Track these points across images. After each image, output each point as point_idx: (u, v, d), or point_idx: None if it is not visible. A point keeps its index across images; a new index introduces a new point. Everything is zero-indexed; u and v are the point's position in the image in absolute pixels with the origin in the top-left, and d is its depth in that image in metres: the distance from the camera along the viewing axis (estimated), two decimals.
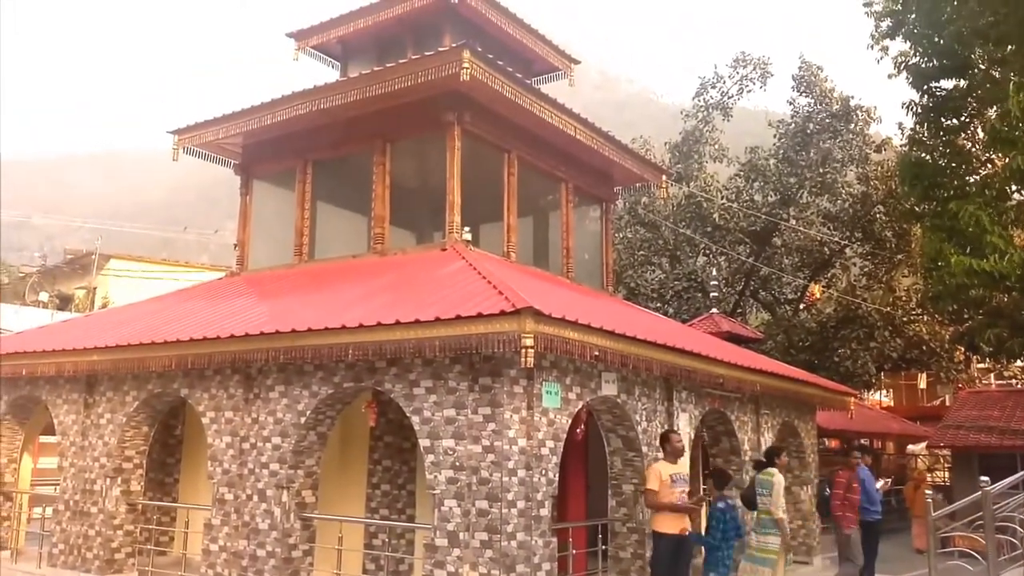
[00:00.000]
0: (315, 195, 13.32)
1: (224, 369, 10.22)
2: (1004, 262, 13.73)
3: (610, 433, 10.25)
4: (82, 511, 11.45)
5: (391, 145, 12.47)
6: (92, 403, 11.76)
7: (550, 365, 8.62)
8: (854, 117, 28.03)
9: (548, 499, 8.42)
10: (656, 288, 29.70)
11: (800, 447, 14.82)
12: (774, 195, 28.59)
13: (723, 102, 30.16)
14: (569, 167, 13.83)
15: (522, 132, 12.55)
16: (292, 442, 9.57)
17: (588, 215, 15.63)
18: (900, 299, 27.44)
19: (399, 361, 8.78)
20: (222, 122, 13.17)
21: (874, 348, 26.55)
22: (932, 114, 16.98)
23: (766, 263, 28.73)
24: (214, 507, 10.11)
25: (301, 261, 13.03)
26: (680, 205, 29.17)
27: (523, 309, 7.63)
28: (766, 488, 10.02)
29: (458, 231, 11.53)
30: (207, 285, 14.71)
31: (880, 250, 27.74)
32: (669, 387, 10.78)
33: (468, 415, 8.29)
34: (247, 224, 14.14)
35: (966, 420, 20.69)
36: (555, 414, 8.65)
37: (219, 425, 10.28)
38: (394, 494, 10.97)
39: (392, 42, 13.76)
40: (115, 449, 11.29)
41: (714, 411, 12.00)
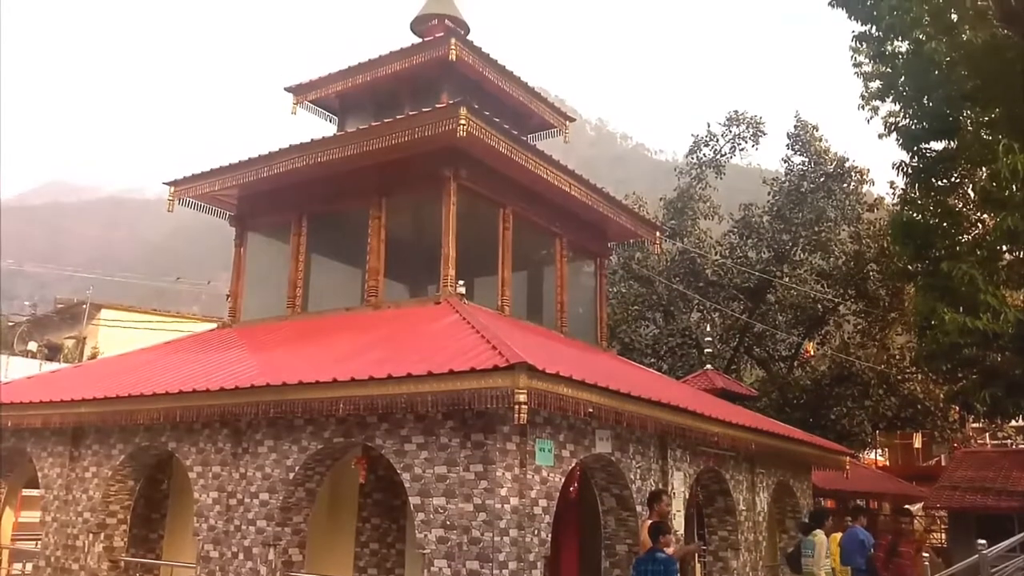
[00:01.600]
0: (310, 247, 13.33)
1: (213, 422, 10.08)
2: (998, 321, 13.72)
3: (604, 492, 10.10)
4: (63, 567, 11.17)
5: (387, 199, 12.52)
6: (78, 456, 11.56)
7: (543, 421, 8.52)
8: (848, 177, 28.35)
9: (540, 560, 8.25)
10: (650, 343, 29.63)
11: (796, 507, 14.63)
12: (768, 252, 28.77)
13: (716, 159, 30.50)
14: (564, 222, 13.89)
15: (517, 187, 12.63)
16: (280, 498, 9.39)
17: (582, 270, 15.65)
18: (894, 357, 27.42)
19: (390, 416, 8.67)
20: (218, 174, 13.22)
21: (869, 407, 26.45)
22: (923, 174, 17.12)
23: (760, 320, 28.75)
24: (199, 565, 9.87)
25: (294, 313, 12.97)
26: (674, 260, 29.30)
27: (517, 364, 7.57)
28: (810, 548, 10.01)
29: (453, 285, 11.51)
30: (198, 336, 14.60)
31: (873, 308, 27.81)
32: (664, 445, 10.66)
33: (460, 472, 8.16)
34: (240, 275, 14.10)
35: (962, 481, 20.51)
36: (548, 472, 8.52)
37: (206, 480, 10.09)
38: (383, 553, 10.73)
39: (390, 97, 13.92)
40: (99, 504, 11.07)
41: (709, 470, 11.85)
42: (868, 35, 15.61)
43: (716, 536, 12.39)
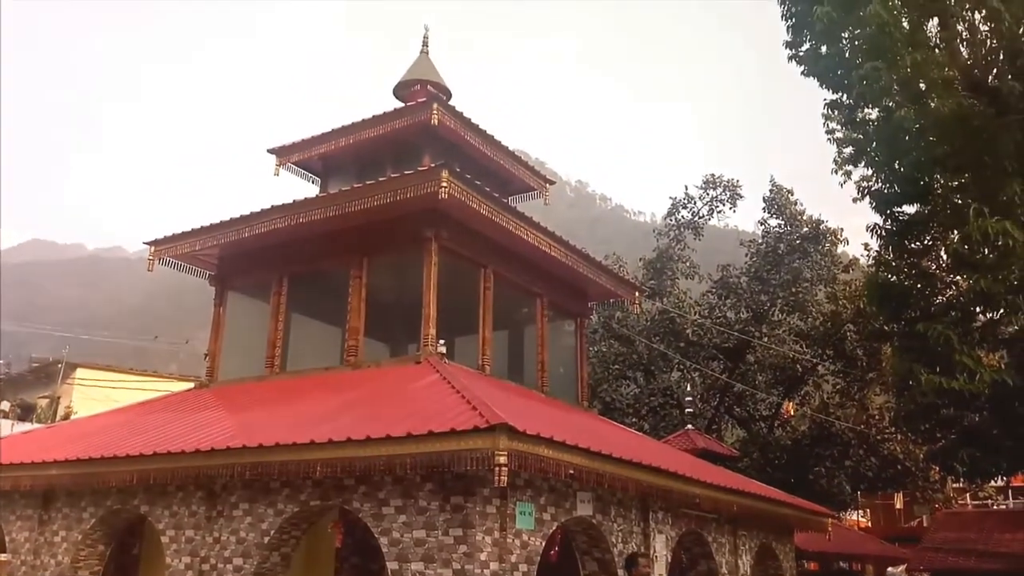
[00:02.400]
0: (290, 307, 13.30)
1: (187, 485, 9.90)
2: (974, 382, 13.84)
3: (585, 555, 9.97)
4: None
5: (369, 259, 12.56)
6: (47, 519, 11.29)
7: (524, 484, 8.45)
8: (822, 239, 28.79)
9: None
10: (631, 403, 29.56)
11: (778, 570, 14.47)
12: (746, 312, 28.98)
13: (694, 221, 30.91)
14: (544, 283, 13.97)
15: (498, 248, 12.73)
16: (255, 563, 9.19)
17: (563, 329, 15.69)
18: (873, 417, 27.49)
19: (368, 479, 8.57)
20: (199, 234, 13.24)
21: (849, 467, 26.42)
22: (896, 237, 17.43)
23: (740, 379, 28.81)
24: None
25: (272, 373, 12.87)
26: (654, 320, 29.43)
27: (497, 425, 7.53)
28: None
29: (433, 344, 11.49)
30: (174, 397, 14.42)
31: (851, 368, 27.96)
32: (645, 507, 10.57)
33: (438, 536, 8.04)
34: (219, 335, 14.01)
35: (944, 542, 20.43)
36: (529, 536, 8.42)
37: (179, 544, 9.87)
38: None
39: (372, 160, 14.07)
40: (68, 569, 10.77)
41: (691, 532, 11.74)
42: (840, 103, 16.04)
43: None
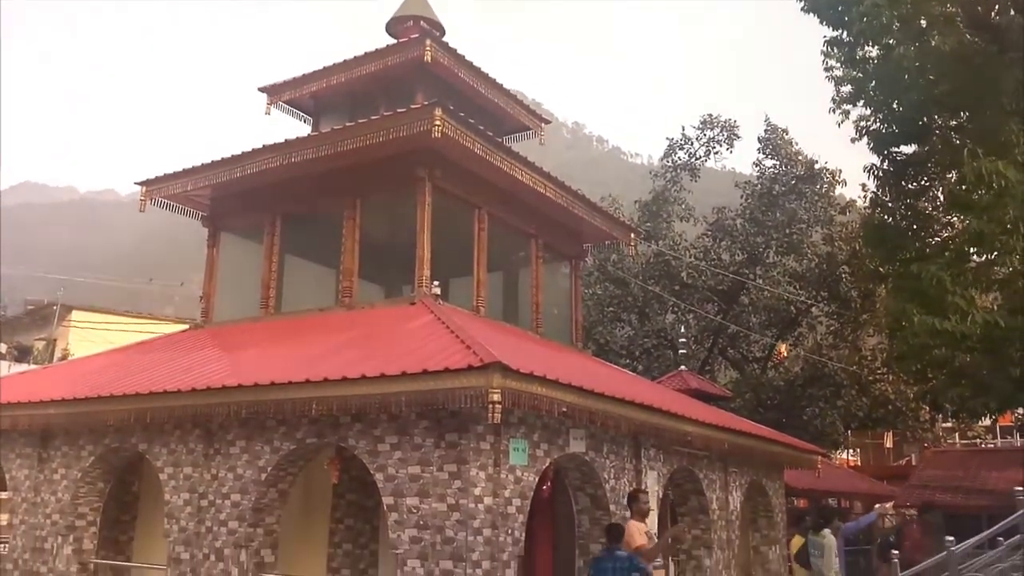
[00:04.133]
0: (283, 248, 13.25)
1: (184, 423, 10.00)
2: (966, 323, 13.93)
3: (578, 491, 10.14)
4: (32, 571, 11.01)
5: (362, 200, 12.47)
6: (46, 458, 11.42)
7: (518, 421, 8.54)
8: (819, 179, 28.67)
9: (514, 559, 8.26)
10: (625, 345, 29.74)
11: (768, 507, 14.75)
12: (741, 254, 29.00)
13: (691, 163, 30.69)
14: (539, 224, 13.92)
15: (493, 189, 12.64)
16: (252, 499, 9.33)
17: (558, 271, 15.69)
18: (866, 358, 27.74)
19: (364, 417, 8.65)
20: (191, 174, 13.11)
21: (841, 407, 26.73)
22: (893, 178, 17.37)
23: (734, 321, 28.97)
24: (169, 567, 9.78)
25: (267, 314, 12.89)
26: (649, 263, 29.44)
27: (491, 364, 7.58)
28: (818, 549, 10.11)
29: (427, 285, 11.49)
30: (169, 337, 14.47)
31: (845, 310, 28.11)
32: (637, 445, 10.71)
33: (433, 472, 8.15)
34: (213, 276, 13.98)
35: (932, 480, 20.77)
36: (522, 471, 8.54)
37: (177, 481, 10.00)
38: (356, 554, 10.70)
39: (365, 99, 13.88)
40: (68, 506, 10.93)
41: (682, 469, 11.93)
42: (839, 40, 15.81)
43: (689, 535, 12.46)
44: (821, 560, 10.02)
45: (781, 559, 14.62)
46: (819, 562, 10.05)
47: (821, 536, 10.26)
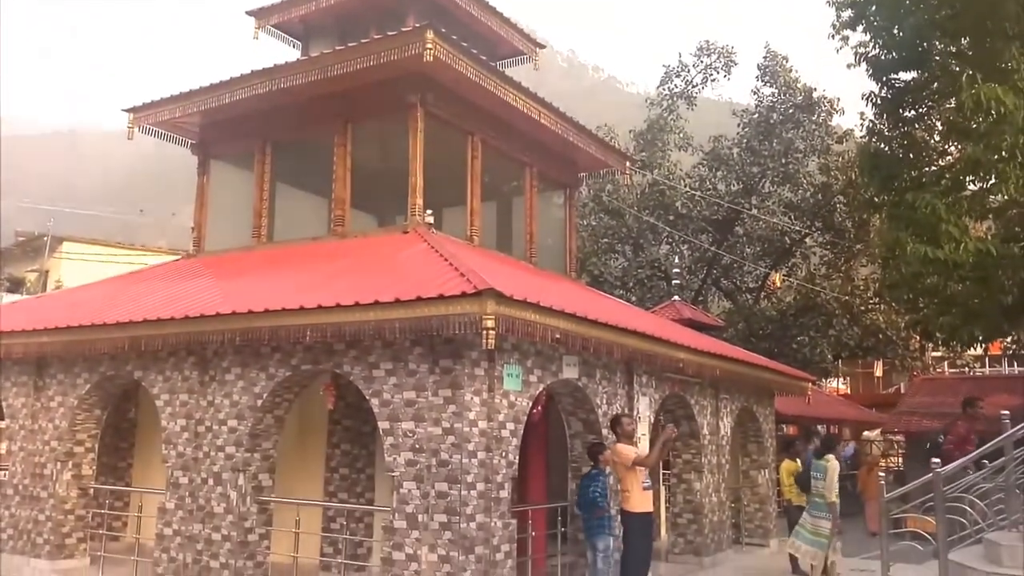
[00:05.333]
0: (274, 176, 13.10)
1: (179, 351, 10.03)
2: (959, 251, 13.97)
3: (571, 416, 10.26)
4: (32, 496, 11.18)
5: (353, 126, 12.28)
6: (42, 386, 11.48)
7: (511, 348, 8.58)
8: (817, 108, 28.36)
9: (508, 481, 8.40)
10: (619, 276, 29.82)
11: (758, 432, 15.00)
12: (737, 184, 28.87)
13: (687, 91, 30.31)
14: (533, 152, 13.76)
15: (486, 115, 12.45)
16: (248, 425, 9.42)
17: (552, 201, 15.59)
18: (858, 288, 27.89)
19: (358, 343, 8.67)
20: (179, 100, 12.87)
21: (832, 336, 27.00)
22: (890, 105, 17.20)
23: (728, 252, 29.00)
24: (168, 491, 9.93)
25: (259, 243, 12.82)
26: (644, 193, 29.31)
27: (485, 290, 7.57)
28: (821, 472, 10.33)
29: (420, 214, 11.40)
30: (162, 267, 14.43)
31: (840, 240, 28.15)
32: (630, 371, 10.81)
33: (428, 397, 8.22)
34: (204, 205, 13.86)
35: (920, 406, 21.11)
36: (516, 397, 8.62)
37: (173, 408, 10.09)
38: (353, 478, 10.87)
39: (355, 22, 13.55)
40: (66, 433, 11.04)
41: (674, 395, 12.06)
42: None
43: (680, 459, 12.69)
44: (823, 483, 10.26)
45: (770, 483, 14.93)
46: (820, 484, 10.29)
47: (825, 460, 10.51)
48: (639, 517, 9.20)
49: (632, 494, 9.20)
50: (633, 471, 9.18)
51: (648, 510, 9.36)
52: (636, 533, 9.23)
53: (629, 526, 9.25)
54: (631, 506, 9.20)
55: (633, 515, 9.19)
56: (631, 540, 9.26)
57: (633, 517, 9.20)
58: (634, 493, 9.19)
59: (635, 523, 9.20)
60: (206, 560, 9.41)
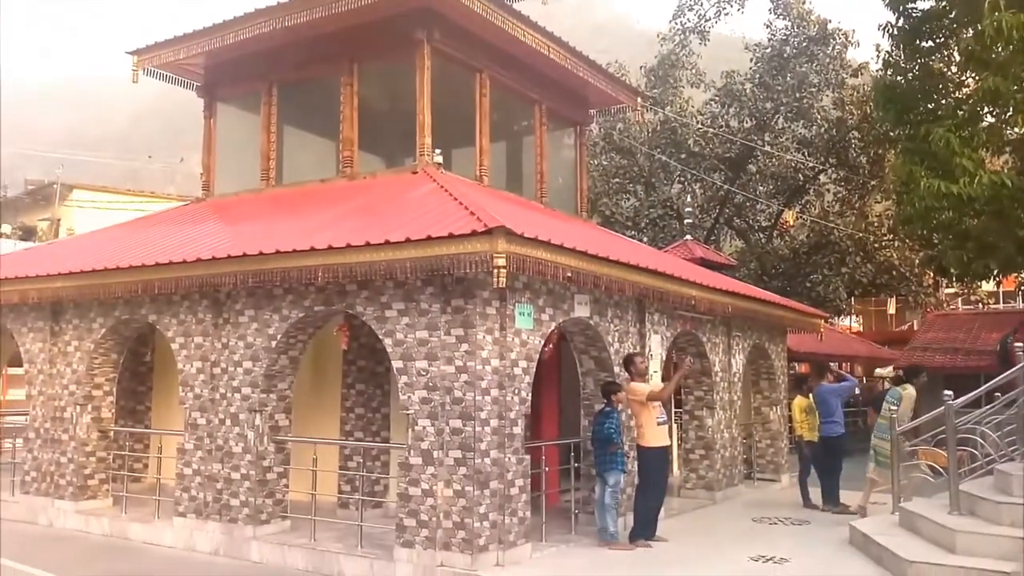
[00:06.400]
0: (281, 118, 12.96)
1: (192, 294, 10.07)
2: (973, 185, 13.77)
3: (583, 354, 10.29)
4: (53, 438, 11.38)
5: (359, 66, 12.10)
6: (58, 331, 11.58)
7: (523, 287, 8.57)
8: (831, 41, 27.74)
9: (521, 418, 8.48)
10: (631, 216, 29.63)
11: (770, 369, 15.03)
12: (750, 120, 28.44)
13: (700, 25, 29.66)
14: (543, 89, 13.56)
15: (494, 51, 12.24)
16: (264, 366, 9.50)
17: (562, 141, 15.41)
18: (872, 225, 27.65)
19: (370, 284, 8.68)
20: (183, 41, 12.69)
21: (845, 273, 26.87)
22: (908, 36, 16.79)
23: (741, 190, 28.72)
24: (187, 432, 10.08)
25: (268, 186, 12.76)
26: (655, 131, 28.93)
27: (495, 229, 7.54)
28: (896, 399, 10.52)
29: (429, 153, 11.30)
30: (173, 211, 14.42)
31: (854, 176, 27.81)
32: (642, 309, 10.80)
33: (441, 336, 8.25)
34: (212, 149, 13.77)
35: (932, 342, 21.09)
36: (528, 335, 8.64)
37: (189, 351, 10.17)
38: (368, 417, 11.00)
39: None
40: (84, 376, 11.18)
41: (686, 333, 12.08)
42: None
43: (692, 396, 12.76)
44: (896, 408, 10.40)
45: (782, 419, 15.02)
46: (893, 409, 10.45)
47: (903, 388, 10.72)
48: (654, 451, 9.33)
49: (647, 429, 9.31)
50: (647, 407, 9.28)
51: (664, 444, 9.48)
52: (651, 467, 9.36)
53: (644, 460, 9.39)
54: (646, 441, 9.32)
55: (649, 450, 9.32)
56: (646, 474, 9.39)
57: (648, 452, 9.33)
58: (649, 428, 9.30)
59: (650, 457, 9.33)
60: (226, 499, 9.60)
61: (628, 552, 8.87)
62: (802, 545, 9.39)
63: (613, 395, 9.34)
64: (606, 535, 9.08)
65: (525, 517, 8.45)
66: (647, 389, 9.40)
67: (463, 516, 7.90)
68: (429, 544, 8.02)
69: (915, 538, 8.19)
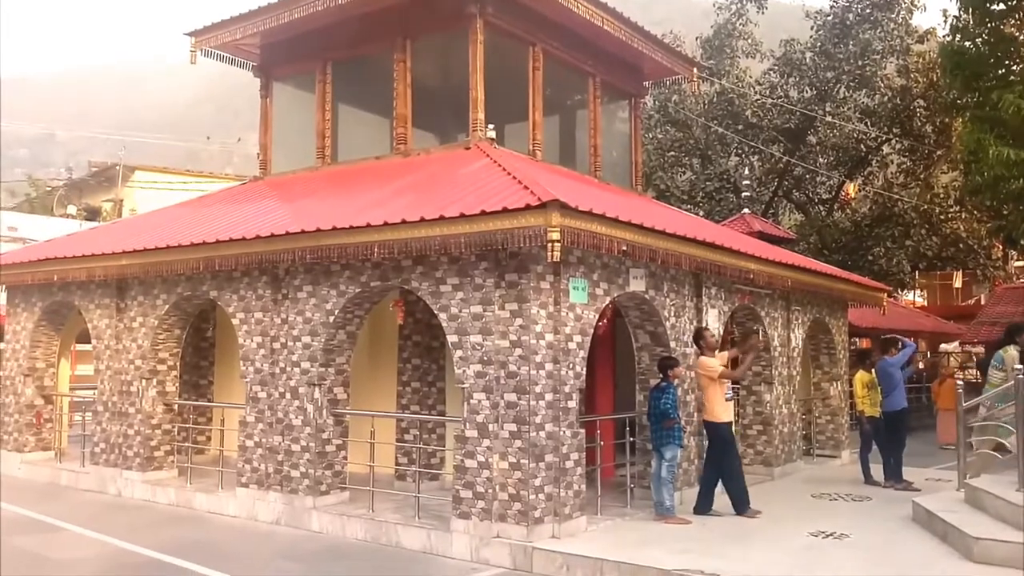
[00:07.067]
0: (336, 96, 13.05)
1: (252, 270, 10.26)
2: None
3: (638, 329, 10.21)
4: (120, 411, 11.75)
5: (411, 42, 12.10)
6: (124, 307, 11.92)
7: (577, 261, 8.52)
8: (896, 6, 26.76)
9: (575, 392, 8.46)
10: (687, 189, 29.23)
11: (831, 344, 14.74)
12: (810, 90, 27.71)
13: None
14: (597, 61, 13.39)
15: (547, 24, 12.12)
16: (322, 341, 9.64)
17: (616, 114, 15.22)
18: (938, 196, 26.81)
19: (425, 259, 8.72)
20: (239, 21, 12.86)
21: (909, 247, 26.14)
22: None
23: (800, 162, 28.06)
24: (248, 405, 10.31)
25: (324, 164, 12.89)
26: (712, 103, 28.38)
27: (549, 202, 7.49)
28: (998, 362, 10.37)
29: (482, 129, 11.27)
30: (232, 190, 14.68)
31: (919, 145, 26.94)
32: (698, 283, 10.66)
33: (495, 311, 8.26)
34: (268, 128, 13.95)
35: (1001, 316, 20.44)
36: (582, 309, 8.60)
37: (249, 326, 10.38)
38: (424, 391, 11.10)
39: None
40: (149, 351, 11.49)
41: (744, 307, 11.89)
42: None
43: (751, 371, 12.56)
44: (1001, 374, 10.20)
45: (842, 394, 14.74)
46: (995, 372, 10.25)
47: (1004, 351, 10.53)
48: (725, 427, 9.54)
49: (716, 405, 9.47)
50: (717, 382, 9.39)
51: (731, 420, 9.70)
52: (724, 441, 9.55)
53: (716, 435, 9.53)
54: (716, 416, 9.47)
55: (720, 425, 9.50)
56: (719, 448, 9.54)
57: (720, 427, 9.50)
58: (719, 404, 9.47)
59: (722, 432, 9.53)
60: (287, 470, 9.80)
61: (684, 526, 8.83)
62: (863, 521, 9.22)
63: (670, 370, 9.28)
64: (662, 509, 9.05)
65: (580, 490, 8.46)
66: (718, 365, 9.50)
67: (519, 488, 7.94)
68: (485, 515, 8.09)
69: (981, 515, 7.99)
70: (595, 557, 7.48)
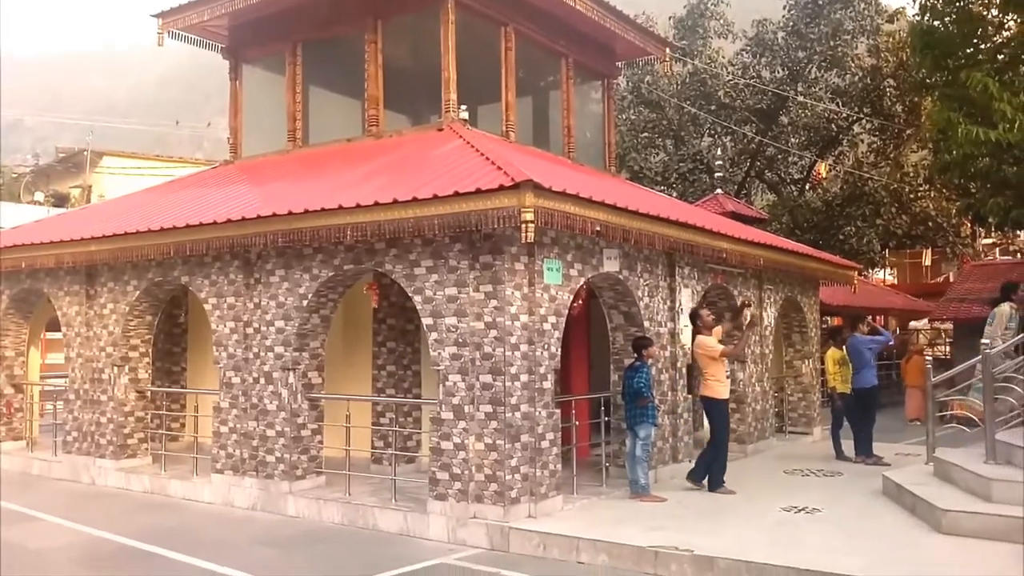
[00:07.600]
0: (306, 78, 12.92)
1: (223, 255, 10.16)
2: (1013, 131, 13.39)
3: (612, 309, 10.26)
4: (92, 399, 11.63)
5: (383, 22, 11.99)
6: (94, 294, 11.77)
7: (551, 242, 8.53)
8: None
9: (551, 372, 8.50)
10: (660, 170, 29.28)
11: (803, 322, 14.89)
12: (782, 71, 27.84)
13: None
14: (569, 41, 13.35)
15: (519, 4, 12.05)
16: (296, 325, 9.59)
17: (589, 95, 15.20)
18: (908, 175, 27.08)
19: (399, 242, 8.69)
20: (207, 3, 12.66)
21: (880, 225, 26.43)
22: None
23: (772, 142, 28.22)
24: (222, 391, 10.24)
25: (295, 147, 12.77)
26: (684, 83, 28.43)
27: (522, 183, 7.48)
28: (993, 318, 10.44)
29: (455, 110, 11.21)
30: (202, 174, 14.50)
31: (889, 125, 27.19)
32: (671, 262, 10.72)
33: (470, 293, 8.25)
34: (238, 111, 13.78)
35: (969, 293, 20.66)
36: (557, 290, 8.62)
37: (221, 311, 10.29)
38: (399, 374, 11.08)
39: None
40: (120, 338, 11.37)
41: (717, 286, 11.97)
42: None
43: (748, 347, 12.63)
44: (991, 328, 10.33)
45: (814, 372, 14.91)
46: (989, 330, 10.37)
47: (999, 307, 10.66)
48: (725, 403, 9.86)
49: (719, 382, 9.67)
50: (718, 361, 9.59)
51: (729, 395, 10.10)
52: (724, 417, 9.84)
53: (716, 411, 9.74)
54: (718, 393, 9.68)
55: (721, 402, 9.74)
56: (720, 425, 9.75)
57: (721, 404, 9.75)
58: (721, 381, 9.69)
59: (723, 409, 9.79)
60: (262, 455, 9.77)
61: (659, 504, 8.92)
62: (835, 496, 9.36)
63: (644, 349, 9.35)
64: (637, 487, 9.14)
65: (556, 470, 8.51)
66: (717, 343, 9.70)
67: (495, 469, 7.98)
68: (462, 497, 8.12)
69: (950, 487, 8.14)
70: (571, 536, 7.55)
